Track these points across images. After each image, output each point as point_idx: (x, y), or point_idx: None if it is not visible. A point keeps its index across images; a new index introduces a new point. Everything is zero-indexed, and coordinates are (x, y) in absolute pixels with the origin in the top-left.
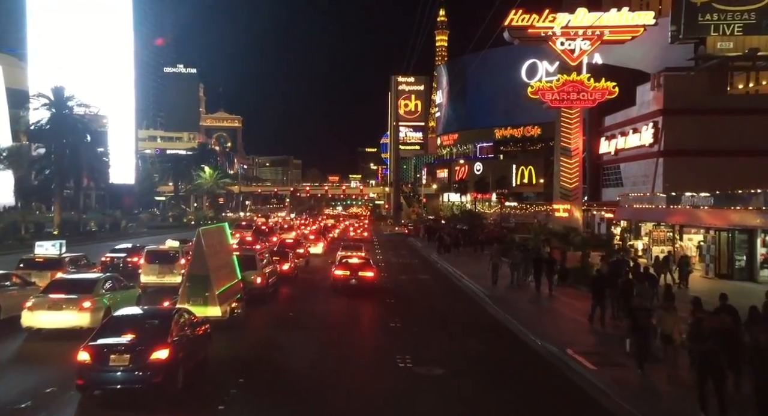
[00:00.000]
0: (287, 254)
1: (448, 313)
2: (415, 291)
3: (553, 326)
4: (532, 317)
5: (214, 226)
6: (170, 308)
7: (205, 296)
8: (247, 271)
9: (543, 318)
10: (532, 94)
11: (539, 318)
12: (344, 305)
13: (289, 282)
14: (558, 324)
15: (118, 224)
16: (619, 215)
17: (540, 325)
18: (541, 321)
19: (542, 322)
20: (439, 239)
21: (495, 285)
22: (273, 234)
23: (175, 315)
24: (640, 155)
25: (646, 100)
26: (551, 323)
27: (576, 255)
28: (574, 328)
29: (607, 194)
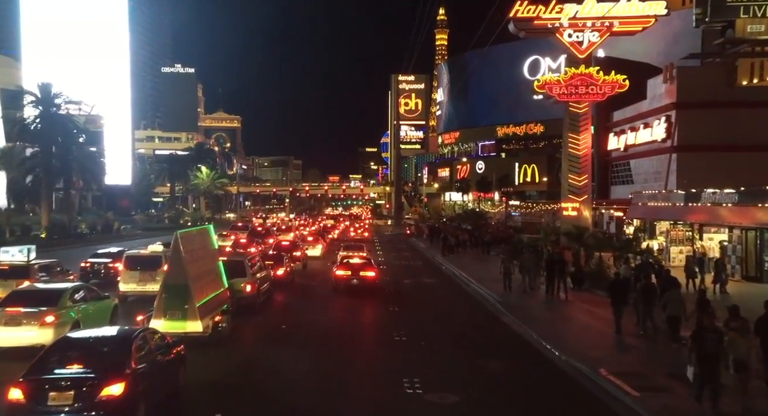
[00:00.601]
0: (282, 257)
1: (458, 323)
2: (420, 297)
3: (576, 338)
4: (551, 327)
5: (196, 229)
6: (132, 330)
7: (183, 309)
8: (235, 278)
9: (564, 329)
10: (539, 89)
11: (560, 328)
12: (343, 315)
13: (284, 289)
14: (582, 335)
15: (111, 226)
16: (631, 214)
17: (562, 337)
18: (563, 332)
19: (564, 333)
20: (443, 239)
21: (508, 291)
22: (269, 236)
23: (137, 339)
24: (652, 150)
25: (657, 94)
26: (574, 334)
27: (592, 257)
28: (600, 340)
29: (616, 191)
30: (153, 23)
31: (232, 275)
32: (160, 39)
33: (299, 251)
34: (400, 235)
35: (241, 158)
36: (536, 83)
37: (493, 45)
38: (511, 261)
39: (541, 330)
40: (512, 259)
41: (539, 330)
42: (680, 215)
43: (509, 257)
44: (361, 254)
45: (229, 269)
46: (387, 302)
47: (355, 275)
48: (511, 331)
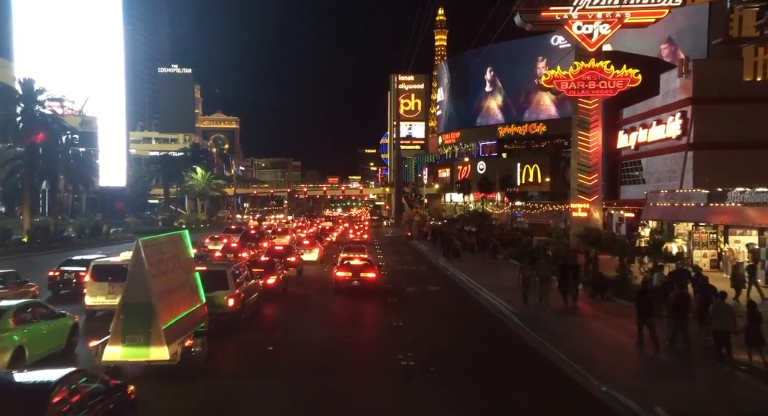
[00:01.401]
0: (274, 264)
1: (472, 343)
2: (426, 309)
3: (612, 360)
4: (582, 347)
5: (165, 235)
6: (51, 378)
7: (146, 332)
8: (215, 291)
9: (597, 349)
10: (546, 84)
11: (592, 348)
12: (340, 332)
13: (275, 300)
14: (619, 356)
15: (100, 229)
16: (647, 215)
17: (596, 360)
18: (595, 352)
19: (598, 355)
20: (447, 242)
21: (526, 304)
22: (263, 239)
23: (57, 386)
24: (666, 148)
25: (671, 89)
26: (609, 356)
27: (613, 262)
28: (641, 363)
29: (626, 191)
30: (150, 24)
31: (212, 288)
32: (157, 39)
33: (294, 256)
34: (401, 237)
35: (240, 159)
36: (543, 78)
37: (494, 43)
38: (531, 270)
39: (570, 350)
40: (533, 267)
41: (569, 350)
42: (704, 216)
43: (529, 265)
44: (361, 255)
45: (209, 281)
46: (390, 314)
47: (355, 277)
48: (535, 352)
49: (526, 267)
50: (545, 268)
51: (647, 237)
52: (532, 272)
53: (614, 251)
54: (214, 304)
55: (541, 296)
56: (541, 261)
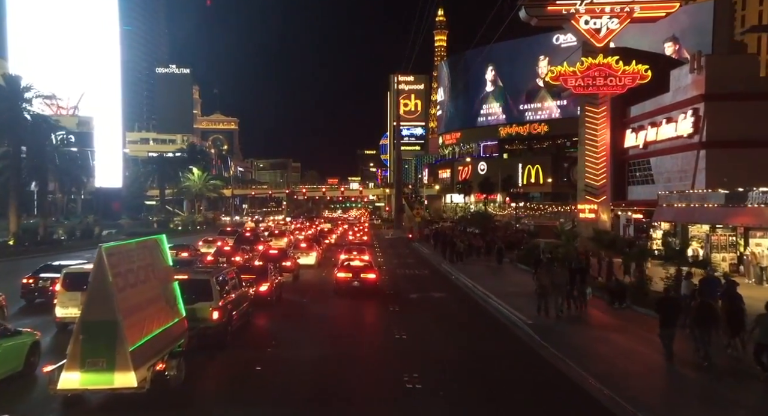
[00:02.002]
0: (267, 270)
1: (484, 358)
2: (431, 318)
3: (645, 381)
4: (607, 364)
5: (136, 241)
6: None
7: (110, 355)
8: (198, 303)
9: (625, 367)
10: (553, 81)
11: (619, 365)
12: (337, 347)
13: (268, 309)
14: (651, 376)
15: (91, 232)
16: (659, 216)
17: (626, 380)
18: (624, 371)
19: (626, 373)
20: (450, 244)
21: (543, 315)
22: (259, 242)
23: None
24: (676, 147)
25: (682, 86)
26: (640, 375)
27: (628, 266)
28: (677, 383)
29: (634, 192)
30: (148, 24)
31: (194, 299)
32: (155, 40)
33: (290, 260)
34: (402, 239)
35: (239, 160)
36: (549, 75)
37: (496, 42)
38: (549, 278)
39: (594, 368)
40: (550, 275)
41: (593, 368)
42: (722, 217)
43: (546, 273)
44: (362, 257)
45: (190, 291)
46: (392, 325)
47: (356, 278)
48: (555, 371)
49: (542, 274)
50: (562, 275)
51: (659, 239)
52: (550, 282)
53: (632, 256)
54: (196, 317)
55: (557, 305)
56: (555, 269)
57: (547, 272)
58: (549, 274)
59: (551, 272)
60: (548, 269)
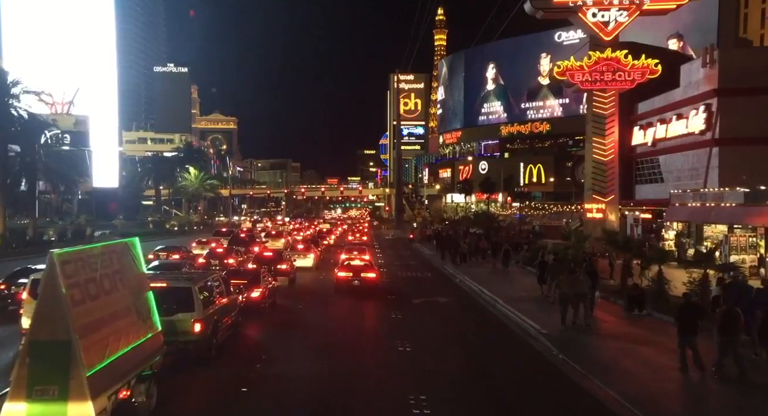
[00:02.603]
0: (259, 274)
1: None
2: (437, 327)
3: (684, 404)
4: (638, 383)
5: (101, 246)
6: None
7: (63, 382)
8: (178, 314)
9: (658, 385)
10: (559, 75)
11: (651, 384)
12: (332, 362)
13: (260, 317)
14: (690, 398)
15: (83, 233)
16: (671, 216)
17: (662, 402)
18: (658, 391)
19: (661, 394)
20: (454, 246)
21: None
22: (254, 243)
23: None
24: (687, 144)
25: (693, 81)
26: (677, 396)
27: (644, 269)
28: (720, 404)
29: (641, 191)
30: (146, 23)
31: (174, 309)
32: (153, 38)
33: (285, 263)
34: (402, 239)
35: (238, 160)
36: (556, 69)
37: (497, 40)
38: (570, 286)
39: (624, 387)
40: (573, 283)
41: (622, 387)
42: (741, 217)
43: (570, 282)
44: (362, 256)
45: (169, 301)
46: (394, 334)
47: (356, 277)
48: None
49: (564, 282)
50: (581, 284)
51: (672, 240)
52: (571, 290)
53: (651, 258)
54: (176, 330)
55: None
56: (575, 276)
57: (569, 280)
58: (571, 282)
59: (572, 280)
60: (573, 278)
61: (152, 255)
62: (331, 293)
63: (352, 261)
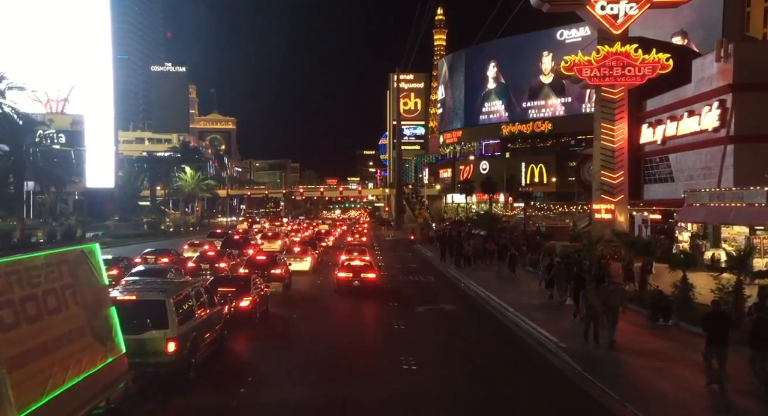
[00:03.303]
0: (249, 280)
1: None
2: (444, 340)
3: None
4: (680, 410)
5: (44, 255)
6: None
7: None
8: (148, 332)
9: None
10: (566, 71)
11: (696, 413)
12: (330, 383)
13: (249, 329)
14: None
15: (73, 234)
16: (686, 217)
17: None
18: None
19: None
20: (458, 248)
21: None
22: (248, 245)
23: None
24: (700, 142)
25: (706, 76)
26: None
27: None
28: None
29: (650, 191)
30: (144, 22)
31: (143, 327)
32: (151, 38)
33: (280, 267)
34: (403, 240)
35: (237, 160)
36: (563, 64)
37: (499, 38)
38: (598, 299)
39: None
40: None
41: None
42: (764, 217)
43: (600, 293)
44: (362, 257)
45: (139, 316)
46: (398, 348)
47: (356, 277)
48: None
49: (590, 293)
50: (616, 294)
51: (686, 242)
52: (598, 302)
53: (678, 262)
54: (146, 350)
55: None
56: (607, 286)
57: (598, 291)
58: (601, 293)
59: (604, 291)
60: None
61: (139, 259)
62: (328, 299)
63: (352, 262)
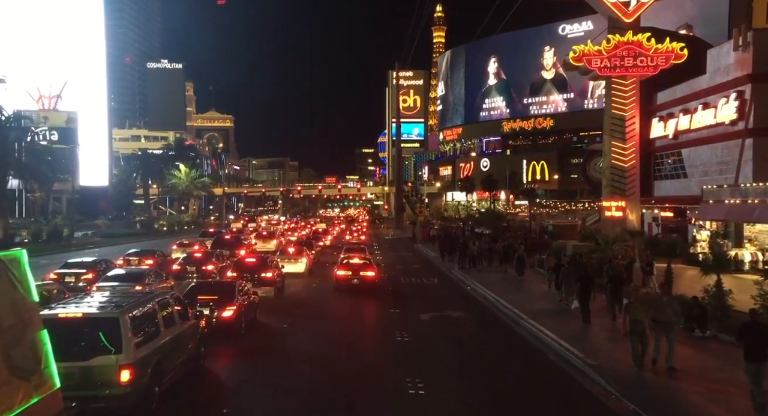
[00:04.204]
0: (233, 287)
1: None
2: (454, 354)
3: None
4: None
5: None
6: None
7: None
8: (95, 358)
9: None
10: (575, 61)
11: None
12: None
13: (232, 342)
14: None
15: (59, 233)
16: (704, 215)
17: None
18: None
19: None
20: (462, 247)
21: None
22: (240, 246)
23: None
24: (716, 136)
25: (723, 66)
26: None
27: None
28: None
29: (661, 187)
30: (140, 20)
31: (89, 352)
32: (147, 34)
33: (271, 270)
34: (403, 239)
35: (235, 159)
36: (571, 55)
37: (499, 34)
38: (645, 313)
39: None
40: (653, 306)
41: None
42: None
43: (649, 304)
44: (361, 255)
45: (85, 340)
46: (402, 365)
47: (355, 275)
48: None
49: (637, 305)
50: (669, 306)
51: (705, 241)
52: (648, 317)
53: (710, 266)
54: (93, 382)
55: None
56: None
57: (647, 302)
58: (650, 305)
59: (653, 302)
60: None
61: (121, 260)
62: (325, 304)
63: (351, 259)
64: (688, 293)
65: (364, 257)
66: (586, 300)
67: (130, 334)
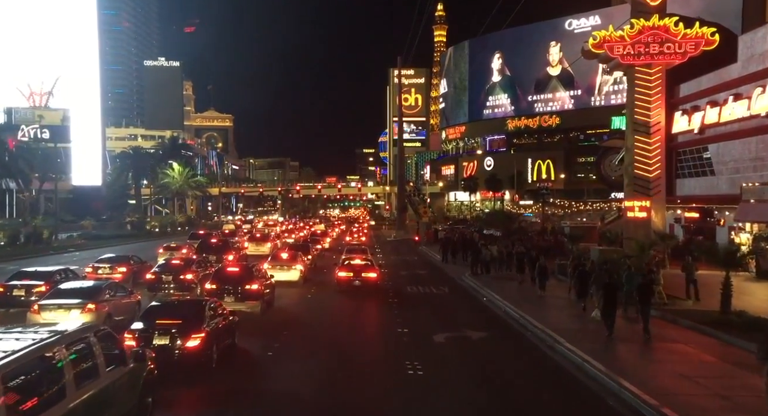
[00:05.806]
0: (202, 309)
1: None
2: (481, 394)
3: None
4: None
5: None
6: None
7: None
8: None
9: None
10: (596, 49)
11: None
12: None
13: (198, 380)
14: None
15: (39, 236)
16: (744, 216)
17: None
18: None
19: None
20: (474, 253)
21: None
22: (228, 250)
23: None
24: (749, 129)
25: (757, 54)
26: None
27: None
28: None
29: (685, 186)
30: (138, 17)
31: None
32: (145, 32)
33: (257, 282)
34: (406, 241)
35: (234, 158)
36: (591, 41)
37: (504, 29)
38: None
39: None
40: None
41: None
42: None
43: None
44: (362, 256)
45: None
46: (414, 406)
47: (357, 277)
48: None
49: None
50: None
51: (747, 245)
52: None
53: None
54: None
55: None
56: None
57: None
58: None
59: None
60: None
61: (90, 268)
62: (320, 322)
63: (353, 261)
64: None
65: (366, 259)
66: (612, 311)
67: (3, 410)
